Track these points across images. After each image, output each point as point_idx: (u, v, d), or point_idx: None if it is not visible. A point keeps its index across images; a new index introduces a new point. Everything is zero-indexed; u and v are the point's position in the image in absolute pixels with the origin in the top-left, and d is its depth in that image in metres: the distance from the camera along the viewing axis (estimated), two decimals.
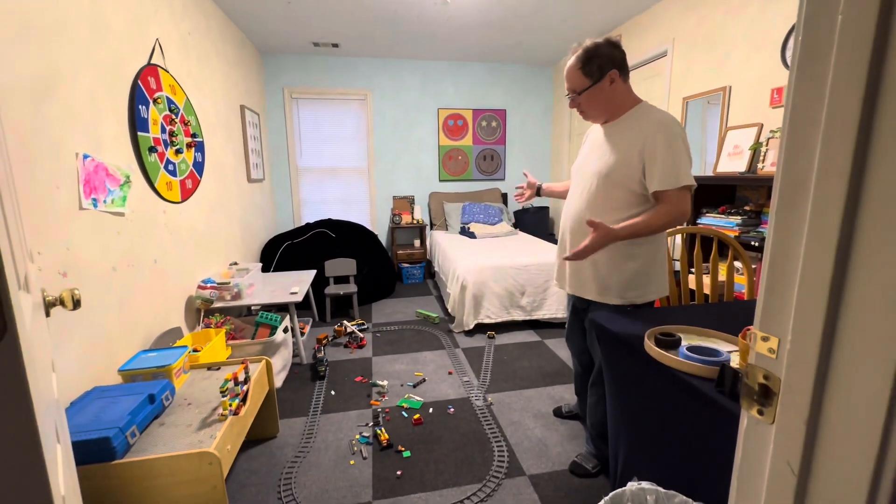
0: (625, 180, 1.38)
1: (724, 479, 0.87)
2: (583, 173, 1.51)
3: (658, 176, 1.32)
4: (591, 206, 1.45)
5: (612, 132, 1.45)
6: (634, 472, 1.19)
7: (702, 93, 2.73)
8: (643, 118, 1.37)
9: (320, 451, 1.79)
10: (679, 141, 1.32)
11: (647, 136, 1.33)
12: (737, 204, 2.41)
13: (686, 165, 1.32)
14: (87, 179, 1.55)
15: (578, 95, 1.42)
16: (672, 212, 1.32)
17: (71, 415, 1.26)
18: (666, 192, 1.32)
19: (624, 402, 1.23)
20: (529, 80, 4.86)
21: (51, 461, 0.46)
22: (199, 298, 2.31)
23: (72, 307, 0.89)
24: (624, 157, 1.37)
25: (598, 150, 1.46)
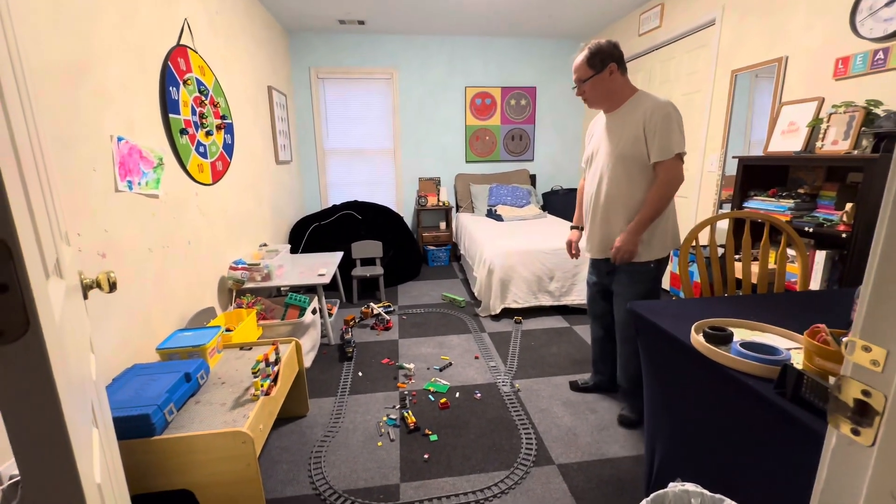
0: (638, 155, 1.62)
1: (777, 487, 0.81)
2: (601, 156, 1.74)
3: (655, 148, 1.57)
4: (617, 182, 1.68)
5: (616, 118, 1.68)
6: (673, 471, 1.13)
7: (753, 65, 2.52)
8: (641, 103, 1.62)
9: (349, 432, 1.82)
10: (671, 118, 1.56)
11: (647, 116, 1.58)
12: (789, 186, 2.23)
13: (678, 137, 1.57)
14: (121, 162, 1.57)
15: (584, 83, 1.66)
16: (666, 180, 1.58)
17: (113, 391, 1.31)
18: (663, 163, 1.58)
19: (664, 398, 1.17)
20: (561, 55, 4.64)
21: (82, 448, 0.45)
22: (231, 279, 2.36)
23: (108, 290, 0.90)
24: (632, 135, 1.61)
25: (609, 135, 1.70)
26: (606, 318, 1.92)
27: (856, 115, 1.82)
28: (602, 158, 1.72)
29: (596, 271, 1.92)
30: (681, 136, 1.57)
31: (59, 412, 0.38)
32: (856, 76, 1.95)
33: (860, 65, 1.93)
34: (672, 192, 1.60)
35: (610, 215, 1.72)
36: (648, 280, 1.72)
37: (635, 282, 1.72)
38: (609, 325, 1.93)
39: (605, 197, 1.71)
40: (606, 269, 1.82)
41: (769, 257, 1.64)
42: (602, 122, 1.78)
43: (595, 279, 1.93)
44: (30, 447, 0.37)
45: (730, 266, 1.66)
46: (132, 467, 1.17)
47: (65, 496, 0.39)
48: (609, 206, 1.71)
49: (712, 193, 2.91)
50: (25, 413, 0.36)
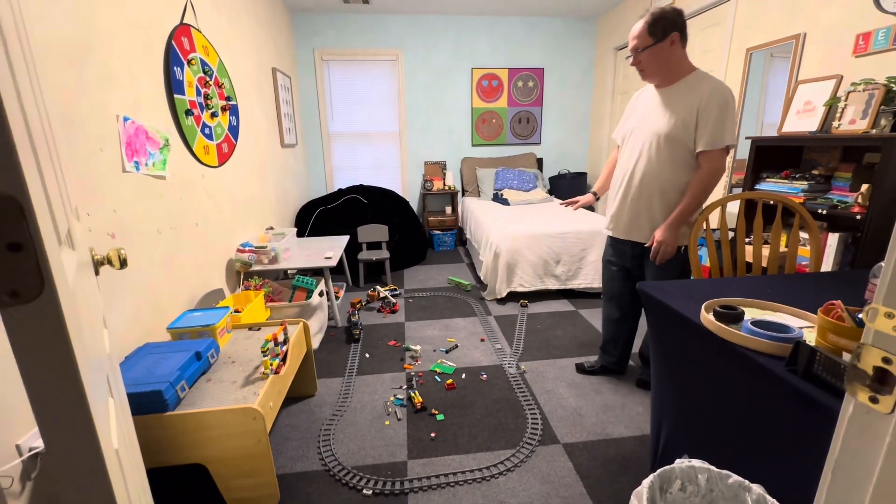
0: (684, 139, 1.53)
1: (786, 462, 0.81)
2: (642, 133, 1.64)
3: (706, 136, 1.49)
4: (657, 163, 1.60)
5: (669, 95, 1.58)
6: (679, 448, 1.14)
7: (769, 42, 2.44)
8: (699, 83, 1.52)
9: (356, 411, 1.84)
10: (728, 106, 1.47)
11: (702, 99, 1.48)
12: (803, 168, 2.19)
13: (731, 127, 1.49)
14: (128, 142, 1.56)
15: (641, 52, 1.55)
16: (710, 172, 1.52)
17: (126, 368, 1.33)
18: (709, 153, 1.50)
19: (671, 376, 1.17)
20: (570, 35, 4.53)
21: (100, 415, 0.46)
22: (239, 262, 2.37)
23: (119, 266, 0.91)
24: (683, 117, 1.52)
25: (656, 112, 1.60)
26: (624, 299, 1.89)
27: (875, 93, 1.77)
28: (644, 136, 1.62)
29: (617, 253, 1.85)
30: (734, 127, 1.50)
31: (77, 374, 0.38)
32: (877, 52, 1.88)
33: (882, 40, 1.86)
34: (714, 184, 1.53)
35: (642, 198, 1.65)
36: (679, 265, 1.66)
37: (666, 267, 1.66)
38: (626, 307, 1.90)
39: (640, 178, 1.64)
40: (632, 252, 1.77)
41: (780, 240, 1.62)
42: (649, 96, 1.66)
43: (615, 260, 1.87)
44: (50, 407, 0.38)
45: (740, 249, 1.64)
46: (146, 442, 1.19)
47: (86, 457, 0.40)
48: (643, 188, 1.64)
49: (723, 176, 2.86)
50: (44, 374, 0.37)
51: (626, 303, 1.90)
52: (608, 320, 1.98)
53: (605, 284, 1.96)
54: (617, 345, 1.99)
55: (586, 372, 2.08)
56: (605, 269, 1.95)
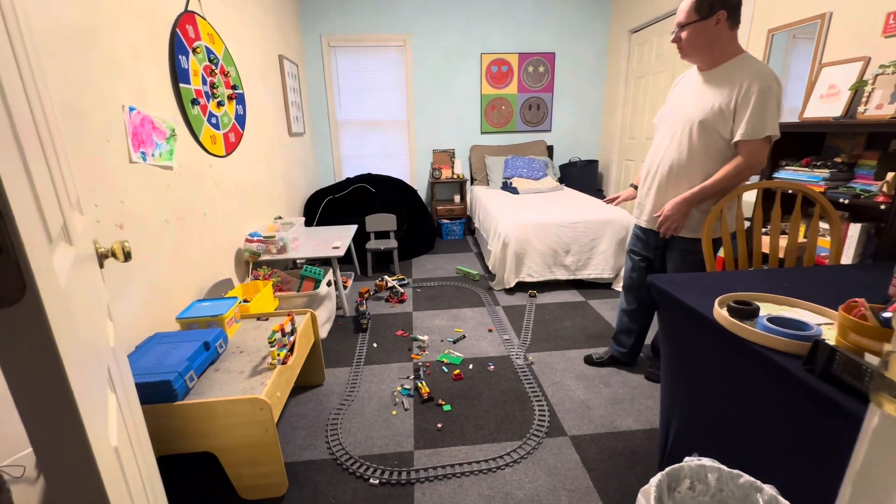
0: (720, 127, 1.44)
1: (800, 464, 0.78)
2: (676, 118, 1.56)
3: (746, 125, 1.39)
4: (688, 151, 1.52)
5: (711, 79, 1.48)
6: (689, 445, 1.12)
7: (793, 23, 2.33)
8: (744, 68, 1.41)
9: (364, 401, 1.86)
10: (771, 93, 1.37)
11: (743, 84, 1.38)
12: (824, 155, 2.10)
13: (773, 117, 1.38)
14: (134, 132, 1.56)
15: (682, 29, 1.44)
16: (747, 163, 1.43)
17: (136, 358, 1.35)
18: (748, 142, 1.41)
19: (682, 372, 1.14)
20: (583, 18, 4.40)
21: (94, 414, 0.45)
22: (247, 251, 2.38)
23: (123, 259, 0.90)
24: (720, 103, 1.43)
25: (696, 96, 1.51)
26: (643, 290, 1.85)
27: None
28: (677, 122, 1.55)
29: (641, 243, 1.80)
30: (776, 117, 1.39)
31: (63, 377, 0.37)
32: None
33: None
34: (750, 175, 1.45)
35: (670, 187, 1.58)
36: (702, 258, 1.57)
37: (688, 261, 1.62)
38: (644, 299, 1.87)
39: (669, 165, 1.57)
40: (655, 242, 1.72)
41: (799, 230, 1.56)
42: (691, 79, 1.57)
43: (639, 249, 1.82)
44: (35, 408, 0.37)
45: (756, 240, 1.59)
46: (157, 431, 1.21)
47: (75, 459, 0.39)
48: (672, 176, 1.57)
49: None
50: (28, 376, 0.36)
51: (644, 294, 1.86)
52: (624, 310, 1.95)
53: (626, 274, 1.92)
54: (630, 335, 1.96)
55: (595, 364, 2.06)
56: (627, 259, 1.91)
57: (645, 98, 3.92)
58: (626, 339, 1.98)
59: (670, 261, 1.69)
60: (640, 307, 1.90)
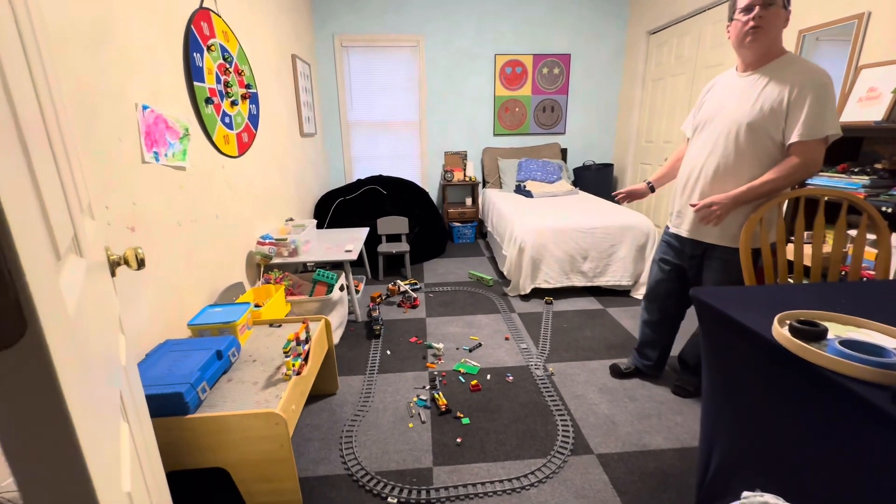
0: (771, 129, 1.39)
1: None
2: (719, 121, 1.50)
3: (803, 125, 1.33)
4: (735, 154, 1.46)
5: (757, 80, 1.43)
6: (735, 475, 1.04)
7: (827, 23, 2.24)
8: (792, 67, 1.37)
9: (379, 412, 1.79)
10: (828, 91, 1.31)
11: (795, 84, 1.33)
12: (861, 161, 2.01)
13: (832, 115, 1.33)
14: (147, 131, 1.51)
15: (769, 8, 1.33)
16: (805, 163, 1.36)
17: (146, 367, 1.29)
18: (806, 143, 1.34)
19: (730, 394, 1.06)
20: (599, 19, 4.32)
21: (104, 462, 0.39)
22: (259, 254, 2.33)
23: (136, 267, 0.85)
24: (771, 104, 1.37)
25: (740, 97, 1.45)
26: (669, 301, 1.79)
27: None
28: (721, 125, 1.47)
29: (674, 252, 1.71)
30: (835, 116, 1.33)
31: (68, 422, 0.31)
32: None
33: None
34: (805, 177, 1.39)
35: (715, 191, 1.49)
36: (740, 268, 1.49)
37: (730, 270, 1.53)
38: (669, 309, 1.80)
39: (714, 170, 1.49)
40: (692, 251, 1.63)
41: (843, 242, 1.47)
42: (728, 82, 1.52)
43: (671, 258, 1.73)
44: (33, 468, 0.31)
45: (798, 251, 1.50)
46: (167, 445, 1.15)
47: None
48: (717, 182, 1.48)
49: None
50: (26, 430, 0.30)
51: (670, 305, 1.80)
52: (648, 322, 1.87)
53: (651, 284, 1.84)
54: (655, 347, 1.89)
55: (622, 374, 1.97)
56: (655, 268, 1.82)
57: (663, 101, 3.83)
58: (650, 351, 1.90)
59: (709, 270, 1.61)
60: (663, 318, 1.83)
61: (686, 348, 1.88)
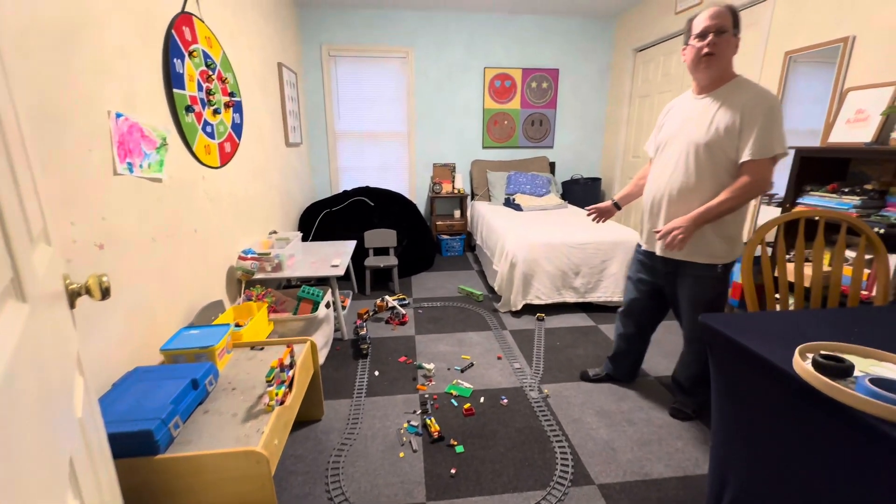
0: (726, 148, 1.43)
1: None
2: (679, 142, 1.55)
3: (753, 144, 1.38)
4: (696, 173, 1.50)
5: (711, 102, 1.48)
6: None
7: (812, 46, 2.29)
8: (743, 90, 1.43)
9: (367, 440, 1.68)
10: (776, 112, 1.38)
11: (746, 105, 1.39)
12: (850, 181, 2.03)
13: (780, 135, 1.38)
14: (121, 141, 1.40)
15: (723, 35, 1.40)
16: (755, 182, 1.40)
17: (112, 400, 1.17)
18: (756, 162, 1.39)
19: (742, 428, 1.01)
20: (587, 36, 4.37)
21: None
22: (241, 269, 2.21)
23: (100, 297, 0.75)
24: (725, 124, 1.42)
25: (697, 119, 1.50)
26: (644, 316, 1.86)
27: None
28: (681, 146, 1.53)
29: (648, 270, 1.76)
30: (783, 136, 1.39)
31: None
32: None
33: None
34: (757, 195, 1.44)
35: (681, 209, 1.54)
36: (718, 284, 1.58)
37: (703, 286, 1.59)
38: (644, 325, 1.89)
39: (678, 189, 1.54)
40: (665, 269, 1.67)
41: (842, 263, 1.46)
42: (685, 105, 1.59)
43: (646, 276, 1.78)
44: None
45: (798, 271, 1.48)
46: (133, 490, 1.03)
47: None
48: (682, 200, 1.53)
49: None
50: None
51: (645, 319, 1.87)
52: (623, 335, 1.96)
53: (627, 300, 1.90)
54: (628, 358, 1.99)
55: (591, 380, 2.07)
56: (630, 286, 1.88)
57: (650, 117, 3.87)
58: (623, 360, 2.01)
59: (682, 287, 1.65)
60: (638, 331, 1.91)
61: (678, 369, 1.85)
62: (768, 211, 2.64)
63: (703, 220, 1.46)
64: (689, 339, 1.73)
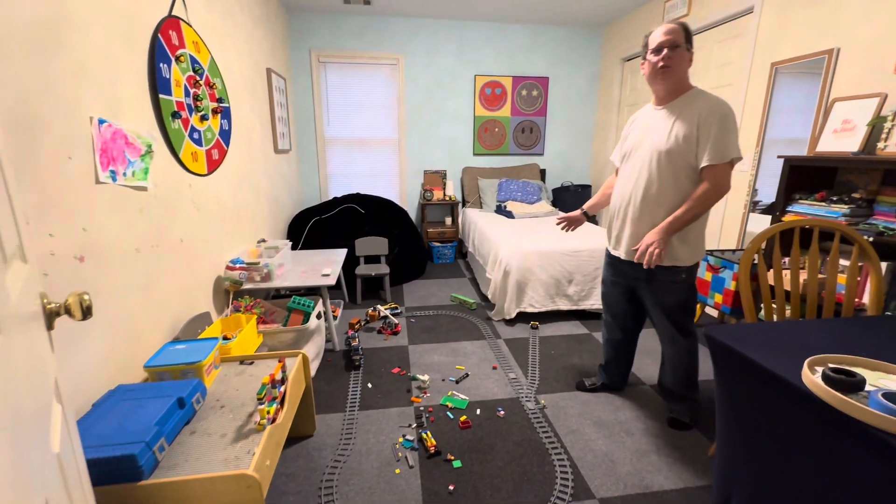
0: (687, 154, 1.50)
1: None
2: (642, 150, 1.61)
3: (710, 151, 1.45)
4: (658, 180, 1.55)
5: (670, 112, 1.55)
6: None
7: (797, 57, 2.33)
8: (698, 100, 1.50)
9: (361, 456, 1.63)
10: (729, 120, 1.45)
11: (702, 114, 1.46)
12: (837, 189, 2.07)
13: (734, 141, 1.46)
14: (103, 148, 1.34)
15: (676, 49, 1.48)
16: (714, 186, 1.47)
17: (92, 421, 1.10)
18: (714, 167, 1.46)
19: (748, 442, 0.99)
20: (576, 44, 4.42)
21: None
22: (228, 280, 2.14)
23: (80, 316, 0.70)
24: (684, 133, 1.49)
25: (658, 128, 1.57)
26: (627, 320, 1.88)
27: None
28: (645, 154, 1.59)
29: (618, 273, 1.80)
30: (737, 141, 1.47)
31: None
32: None
33: None
34: (717, 199, 1.50)
35: (646, 217, 1.60)
36: (686, 288, 1.64)
37: (672, 291, 1.65)
38: (629, 328, 1.90)
39: (642, 196, 1.60)
40: (634, 273, 1.71)
41: (836, 271, 1.47)
42: (646, 116, 1.66)
43: (618, 280, 1.82)
44: None
45: (794, 279, 1.49)
46: None
47: None
48: (646, 206, 1.59)
49: (743, 195, 2.75)
50: None
51: (628, 322, 1.88)
52: (609, 340, 1.97)
53: (606, 305, 1.94)
54: (620, 364, 2.00)
55: (587, 390, 2.06)
56: (607, 289, 1.91)
57: None
58: (616, 367, 2.00)
59: (652, 292, 1.69)
60: (625, 336, 1.92)
61: (665, 375, 1.84)
62: (756, 218, 2.68)
63: (674, 229, 1.52)
64: (668, 340, 1.74)
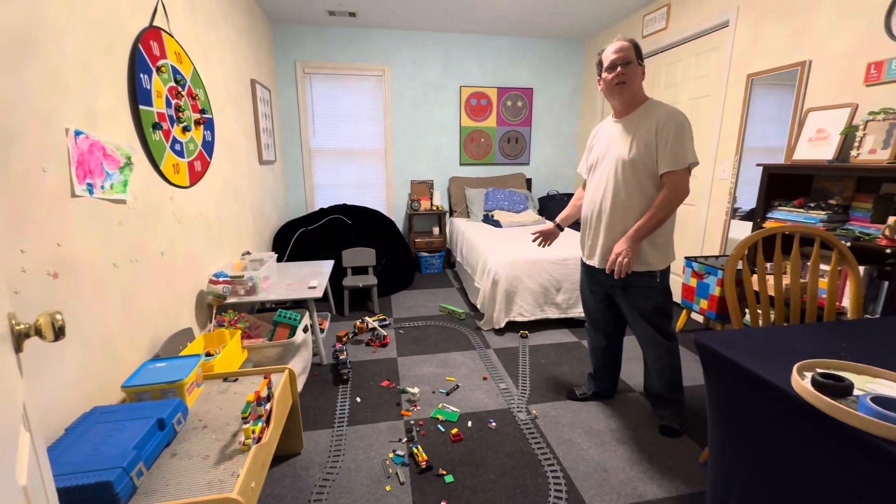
0: (649, 162, 1.56)
1: None
2: (608, 160, 1.67)
3: (668, 158, 1.52)
4: (625, 187, 1.61)
5: (628, 123, 1.62)
6: None
7: (772, 69, 2.42)
8: (654, 110, 1.58)
9: (351, 473, 1.59)
10: (684, 127, 1.52)
11: (659, 123, 1.53)
12: (814, 196, 2.13)
13: (690, 147, 1.53)
14: (80, 161, 1.30)
15: (628, 66, 1.56)
16: (674, 191, 1.53)
17: (65, 447, 1.05)
18: (673, 173, 1.53)
19: (741, 449, 0.99)
20: (559, 56, 4.51)
21: None
22: (212, 294, 2.08)
23: (52, 338, 0.66)
24: (644, 141, 1.56)
25: (618, 141, 1.64)
26: (609, 326, 1.90)
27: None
28: (609, 164, 1.65)
29: (596, 280, 1.83)
30: (693, 147, 1.54)
31: None
32: (891, 82, 1.85)
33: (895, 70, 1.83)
34: (678, 203, 1.56)
35: (616, 224, 1.65)
36: (661, 291, 1.68)
37: (647, 296, 1.68)
38: (612, 334, 1.92)
39: (611, 204, 1.65)
40: (609, 281, 1.74)
41: (817, 276, 1.50)
42: (608, 128, 1.73)
43: (595, 288, 1.85)
44: None
45: (778, 284, 1.52)
46: None
47: None
48: (615, 214, 1.65)
49: (724, 202, 2.81)
50: None
51: (611, 329, 1.90)
52: (595, 349, 1.99)
53: (587, 313, 1.96)
54: (608, 371, 2.00)
55: (578, 399, 2.04)
56: (586, 298, 1.94)
57: None
58: (605, 375, 2.01)
59: (627, 297, 1.72)
60: (610, 343, 1.93)
61: (649, 380, 1.85)
62: (737, 224, 2.74)
63: (640, 236, 1.57)
64: (649, 345, 1.75)
